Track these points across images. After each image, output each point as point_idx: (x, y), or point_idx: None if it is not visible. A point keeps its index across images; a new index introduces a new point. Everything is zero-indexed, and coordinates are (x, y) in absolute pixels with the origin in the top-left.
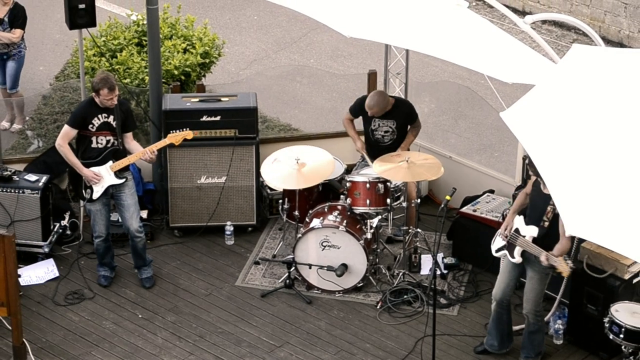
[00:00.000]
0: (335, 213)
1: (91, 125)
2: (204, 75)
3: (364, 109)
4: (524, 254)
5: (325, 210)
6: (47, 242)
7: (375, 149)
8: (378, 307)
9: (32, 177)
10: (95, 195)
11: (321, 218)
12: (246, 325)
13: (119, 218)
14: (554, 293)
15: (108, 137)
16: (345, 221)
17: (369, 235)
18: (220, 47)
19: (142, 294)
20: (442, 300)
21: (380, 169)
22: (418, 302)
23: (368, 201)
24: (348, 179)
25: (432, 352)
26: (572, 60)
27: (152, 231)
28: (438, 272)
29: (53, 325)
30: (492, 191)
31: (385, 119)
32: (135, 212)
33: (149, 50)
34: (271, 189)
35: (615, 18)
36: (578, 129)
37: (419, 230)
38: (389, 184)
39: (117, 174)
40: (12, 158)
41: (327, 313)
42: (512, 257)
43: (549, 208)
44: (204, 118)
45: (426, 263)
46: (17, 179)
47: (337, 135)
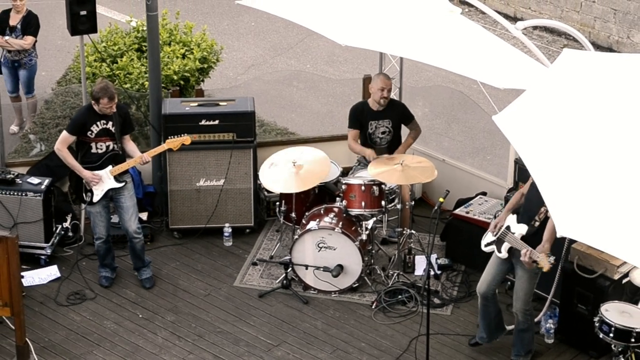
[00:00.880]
0: (331, 215)
1: (90, 131)
2: (203, 80)
3: (360, 115)
4: (516, 253)
5: (322, 212)
6: (49, 244)
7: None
8: (373, 307)
9: (34, 180)
10: (95, 199)
11: (317, 220)
12: (244, 325)
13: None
14: (545, 293)
15: (107, 143)
16: (341, 223)
17: (364, 237)
18: (218, 52)
19: (142, 295)
20: (436, 300)
21: (375, 171)
22: (412, 302)
23: (363, 203)
24: (344, 182)
25: (426, 351)
26: (562, 64)
27: (152, 233)
28: (432, 273)
29: (55, 325)
30: (484, 193)
31: (382, 119)
32: (134, 214)
33: (149, 55)
34: (268, 191)
35: (604, 24)
36: (569, 131)
37: (413, 231)
38: (383, 186)
39: (116, 177)
40: (15, 161)
41: (324, 313)
42: (499, 252)
43: (542, 209)
44: (203, 122)
45: (420, 264)
46: (20, 182)
47: (333, 138)
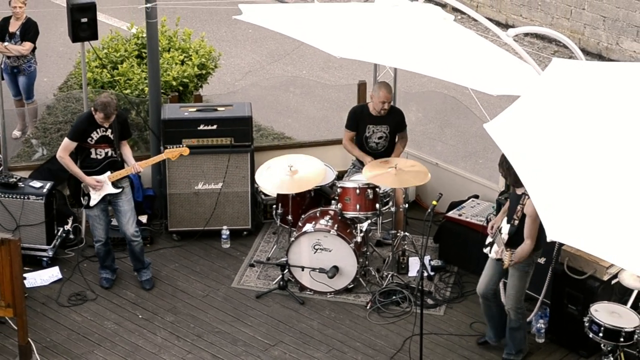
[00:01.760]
0: (327, 218)
1: (90, 138)
2: (201, 86)
3: (359, 118)
4: None
5: (317, 215)
6: (51, 246)
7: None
8: (368, 307)
9: (36, 183)
10: (92, 202)
11: (313, 222)
12: (242, 325)
13: None
14: (536, 294)
15: (106, 150)
16: (336, 225)
17: (359, 239)
18: (216, 59)
19: (142, 296)
20: (429, 301)
21: (369, 175)
22: (406, 303)
23: (358, 206)
24: (339, 185)
25: (420, 351)
26: (552, 74)
27: (151, 235)
28: (425, 274)
29: (57, 326)
30: (476, 196)
31: (379, 124)
32: (132, 218)
33: (149, 62)
34: (265, 194)
35: (594, 31)
36: (558, 138)
37: (406, 233)
38: (378, 189)
39: (114, 183)
40: (17, 165)
41: (319, 313)
42: (490, 253)
43: (518, 207)
44: (201, 127)
45: (414, 265)
46: (23, 185)
47: (328, 143)
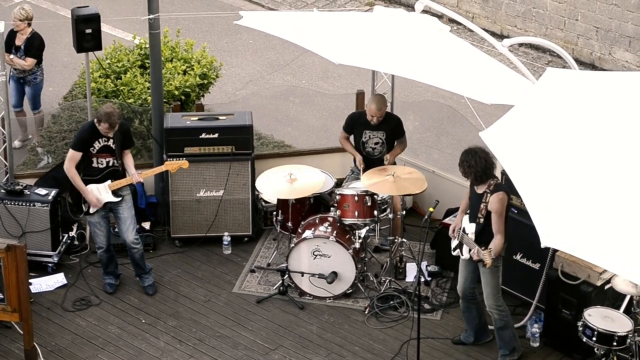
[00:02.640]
0: (326, 224)
1: (92, 147)
2: (203, 95)
3: (355, 123)
4: None
5: (317, 221)
6: (56, 252)
7: (365, 161)
8: (366, 312)
9: (42, 191)
10: (92, 210)
11: (313, 229)
12: (242, 330)
13: None
14: (530, 298)
15: (108, 159)
16: (335, 232)
17: (357, 245)
18: (217, 69)
19: (145, 300)
20: (426, 306)
21: (367, 182)
22: (403, 308)
23: (356, 213)
24: (338, 192)
25: (417, 355)
26: (546, 83)
27: (154, 241)
28: (422, 279)
29: (62, 330)
30: None
31: (376, 130)
32: (132, 225)
33: (151, 72)
34: (266, 201)
35: (587, 41)
36: (552, 147)
37: (404, 240)
38: (376, 196)
39: (114, 192)
40: (23, 173)
41: (319, 318)
42: (462, 254)
43: (482, 205)
44: (203, 135)
45: (411, 271)
46: (28, 193)
47: (327, 151)
